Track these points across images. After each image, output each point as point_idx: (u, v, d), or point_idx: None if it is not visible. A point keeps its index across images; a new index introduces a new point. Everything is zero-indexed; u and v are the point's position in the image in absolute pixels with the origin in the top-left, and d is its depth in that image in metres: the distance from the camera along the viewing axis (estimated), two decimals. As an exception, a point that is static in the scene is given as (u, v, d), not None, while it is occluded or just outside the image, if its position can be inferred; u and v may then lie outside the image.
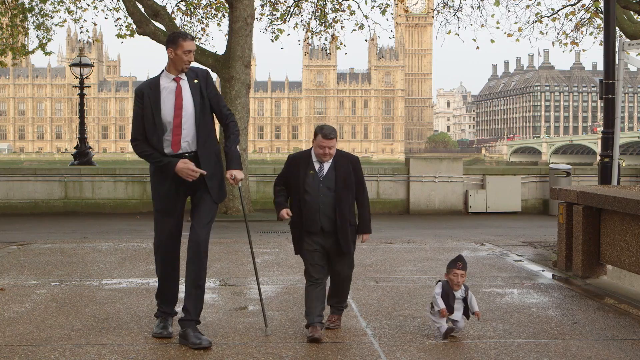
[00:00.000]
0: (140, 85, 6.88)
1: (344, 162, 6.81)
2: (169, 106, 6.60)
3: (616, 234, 9.30)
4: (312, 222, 6.68)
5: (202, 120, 6.67)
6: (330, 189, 6.69)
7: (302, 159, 6.83)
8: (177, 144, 6.64)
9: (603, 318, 7.69)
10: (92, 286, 9.22)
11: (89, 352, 6.28)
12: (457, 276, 6.65)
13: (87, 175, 21.70)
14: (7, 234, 15.37)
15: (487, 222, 19.08)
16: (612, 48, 13.86)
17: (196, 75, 6.77)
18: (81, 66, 28.21)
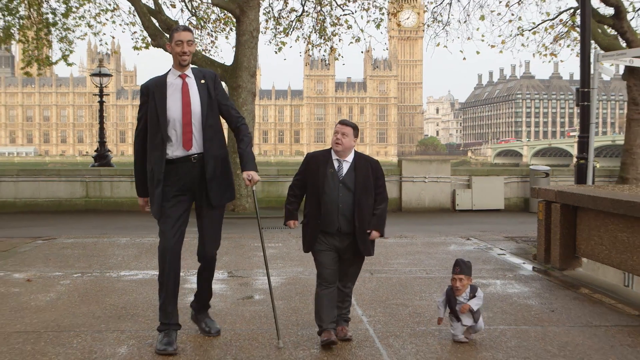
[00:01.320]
0: (147, 82, 6.25)
1: (364, 164, 6.10)
2: (175, 104, 5.98)
3: (591, 230, 9.31)
4: (330, 222, 5.99)
5: (208, 121, 6.03)
6: (350, 189, 5.99)
7: (322, 157, 6.12)
8: (188, 142, 5.96)
9: (578, 306, 7.71)
10: (111, 277, 9.23)
11: (109, 337, 6.30)
12: (456, 281, 6.11)
13: (106, 176, 21.74)
14: (34, 229, 15.38)
15: (473, 219, 19.09)
16: (588, 59, 13.88)
17: (203, 76, 6.17)
18: (101, 76, 28.23)
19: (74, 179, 21.74)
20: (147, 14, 20.46)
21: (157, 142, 5.93)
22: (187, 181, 5.99)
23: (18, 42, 24.06)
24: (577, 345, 6.13)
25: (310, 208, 6.07)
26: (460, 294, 6.11)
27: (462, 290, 6.11)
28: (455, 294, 6.12)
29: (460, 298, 6.10)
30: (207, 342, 6.12)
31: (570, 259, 9.90)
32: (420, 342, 6.22)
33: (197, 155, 5.99)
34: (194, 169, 5.99)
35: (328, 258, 6.05)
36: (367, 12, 25.76)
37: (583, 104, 14.16)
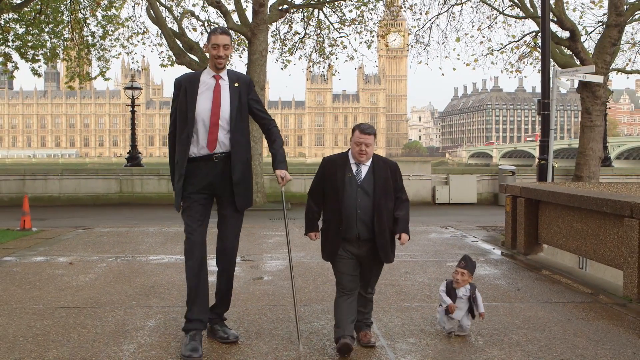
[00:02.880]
0: (181, 76, 5.53)
1: (383, 167, 5.15)
2: (205, 103, 5.23)
3: (550, 220, 9.29)
4: (349, 228, 5.04)
5: (237, 125, 5.28)
6: (368, 194, 5.04)
7: (340, 160, 5.18)
8: (212, 142, 5.22)
9: (540, 286, 7.69)
10: (141, 261, 9.21)
11: (139, 312, 6.28)
12: (457, 274, 5.47)
13: (137, 174, 21.77)
14: (75, 220, 15.37)
15: (450, 211, 19.08)
16: (547, 75, 13.85)
17: (237, 79, 5.41)
18: (132, 89, 28.24)
19: (109, 177, 21.78)
20: (172, 37, 20.50)
21: (183, 137, 5.23)
22: (208, 180, 5.25)
23: (62, 60, 24.10)
24: (539, 318, 6.12)
25: (329, 214, 5.14)
26: (458, 287, 5.48)
27: (461, 285, 5.48)
28: (454, 285, 5.49)
29: (459, 292, 5.48)
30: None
31: (533, 245, 9.88)
32: (405, 316, 6.20)
33: (219, 155, 5.23)
34: (215, 168, 5.25)
35: (348, 266, 5.12)
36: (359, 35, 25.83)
37: (544, 113, 14.13)
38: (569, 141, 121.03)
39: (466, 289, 5.48)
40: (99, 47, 23.43)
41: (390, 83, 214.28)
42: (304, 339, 5.41)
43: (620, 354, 5.10)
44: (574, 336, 5.56)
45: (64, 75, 25.31)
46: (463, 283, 5.48)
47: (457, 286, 5.48)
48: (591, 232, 8.05)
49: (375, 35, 25.50)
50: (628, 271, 7.00)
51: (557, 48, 20.27)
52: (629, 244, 6.95)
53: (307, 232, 5.33)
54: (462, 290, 5.48)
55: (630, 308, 6.61)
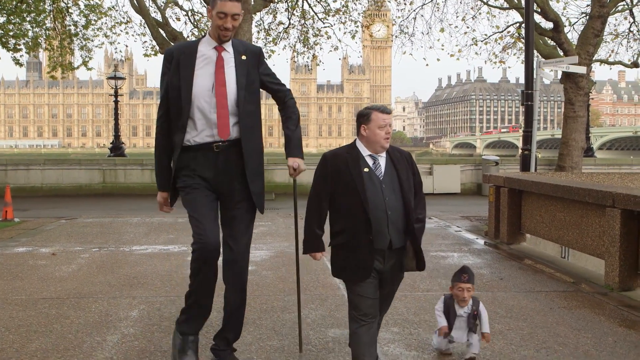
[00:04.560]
0: (173, 46, 4.53)
1: (400, 157, 4.18)
2: (204, 81, 4.23)
3: (533, 210, 9.35)
4: (379, 235, 3.94)
5: (246, 107, 4.28)
6: (395, 190, 4.04)
7: (348, 154, 4.09)
8: (225, 127, 4.22)
9: (523, 275, 7.74)
10: (125, 251, 9.18)
11: (122, 302, 6.26)
12: (463, 291, 4.64)
13: (120, 164, 21.67)
14: (58, 210, 15.28)
15: (434, 201, 19.13)
16: (531, 65, 13.90)
17: (245, 51, 4.36)
18: (116, 79, 28.15)
19: (92, 167, 21.68)
20: (156, 26, 20.40)
21: (178, 122, 4.28)
22: (208, 175, 4.27)
23: (45, 50, 23.92)
24: (521, 307, 6.16)
25: (346, 223, 4.00)
26: (465, 305, 4.69)
27: (467, 302, 4.69)
28: (460, 304, 4.69)
29: (462, 310, 4.69)
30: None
31: (516, 235, 9.94)
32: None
33: (221, 143, 4.25)
34: (216, 160, 4.26)
35: (370, 286, 4.04)
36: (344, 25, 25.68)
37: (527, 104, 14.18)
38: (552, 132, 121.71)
39: (469, 306, 4.70)
40: (82, 37, 23.22)
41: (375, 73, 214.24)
42: (287, 329, 5.42)
43: (601, 342, 5.15)
44: (556, 325, 5.61)
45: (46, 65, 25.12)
46: (469, 299, 4.69)
47: (463, 305, 4.68)
48: (573, 222, 8.10)
49: (359, 26, 25.46)
50: (609, 260, 7.06)
51: (541, 39, 20.33)
52: (611, 233, 7.00)
53: (308, 250, 4.19)
54: (465, 308, 4.69)
55: (612, 297, 6.67)
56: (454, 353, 4.78)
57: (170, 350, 4.79)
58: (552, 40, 20.36)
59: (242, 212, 4.36)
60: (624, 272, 6.89)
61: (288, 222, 12.00)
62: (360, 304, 4.04)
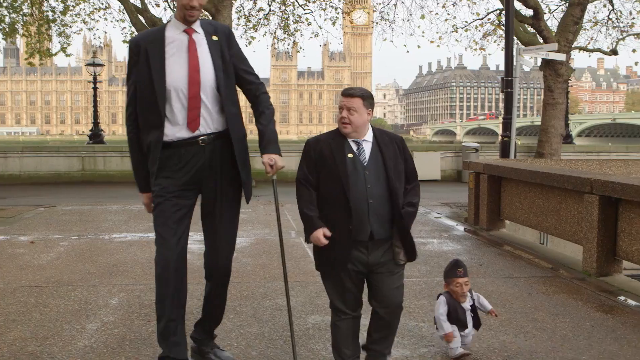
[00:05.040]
0: (137, 35, 4.14)
1: (389, 142, 3.90)
2: (178, 69, 3.83)
3: (512, 197, 9.41)
4: (360, 226, 3.71)
5: (227, 92, 3.93)
6: (379, 178, 3.77)
7: (331, 140, 3.85)
8: (194, 120, 3.85)
9: (502, 261, 7.79)
10: (104, 239, 9.14)
11: (102, 290, 6.24)
12: (461, 286, 4.40)
13: (100, 152, 21.51)
14: (36, 198, 15.16)
15: (414, 188, 19.18)
16: (511, 53, 13.96)
17: (215, 31, 3.98)
18: (95, 66, 27.91)
19: (71, 154, 21.49)
20: (135, 12, 20.23)
21: (153, 119, 3.88)
22: (193, 172, 3.93)
23: (22, 36, 23.61)
24: (501, 293, 6.20)
25: (327, 212, 3.77)
26: (465, 300, 4.48)
27: (466, 297, 4.49)
28: (460, 300, 4.45)
29: (465, 305, 4.47)
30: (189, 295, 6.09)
31: (496, 221, 10.00)
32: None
33: (206, 137, 3.91)
34: (202, 155, 3.91)
35: (351, 281, 3.82)
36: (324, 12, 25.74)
37: (507, 91, 14.27)
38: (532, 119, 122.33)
39: (469, 298, 4.52)
40: (60, 23, 22.97)
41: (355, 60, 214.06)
42: (268, 315, 5.42)
43: (578, 326, 5.21)
44: (534, 310, 5.66)
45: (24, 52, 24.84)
46: (466, 295, 4.48)
47: (464, 300, 4.45)
48: (552, 208, 8.16)
49: (340, 12, 25.39)
50: (588, 246, 7.13)
51: (521, 26, 20.39)
52: (589, 219, 7.06)
53: (309, 234, 3.79)
54: (468, 302, 4.49)
55: (589, 282, 6.74)
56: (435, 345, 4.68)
57: (150, 338, 4.78)
58: (532, 28, 20.41)
59: (226, 206, 4.07)
60: (601, 258, 6.96)
61: (268, 209, 11.99)
62: (340, 299, 3.87)
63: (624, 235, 6.75)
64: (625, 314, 5.64)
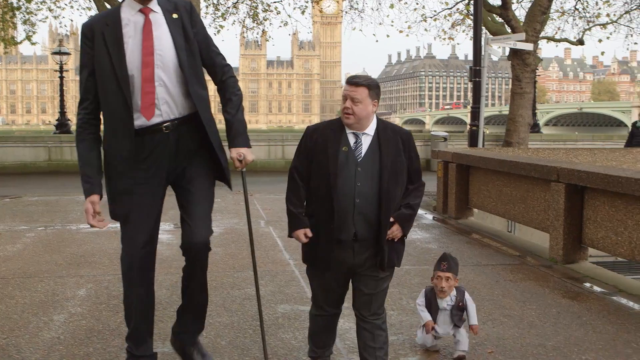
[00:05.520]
0: (90, 20, 3.71)
1: (392, 137, 3.57)
2: (135, 50, 3.51)
3: (480, 185, 9.48)
4: (343, 225, 3.49)
5: (193, 71, 3.62)
6: (372, 176, 3.49)
7: (329, 130, 3.59)
8: (149, 107, 3.54)
9: (470, 249, 7.86)
10: (71, 230, 9.05)
11: (69, 282, 6.18)
12: (441, 280, 4.15)
13: (66, 141, 21.25)
14: (2, 189, 14.95)
15: (384, 177, 19.27)
16: (479, 42, 14.06)
17: (175, 8, 3.64)
18: (61, 54, 27.55)
19: (37, 144, 21.23)
20: (101, 0, 19.97)
21: (119, 109, 3.53)
22: (159, 161, 3.65)
23: (-15, 24, 23.26)
24: (468, 281, 6.25)
25: (315, 207, 3.58)
26: (444, 297, 4.20)
27: (447, 294, 4.21)
28: (439, 295, 4.21)
29: (444, 302, 4.21)
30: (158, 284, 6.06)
31: (464, 210, 10.07)
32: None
33: (170, 122, 3.60)
34: (167, 143, 3.62)
35: (335, 280, 3.65)
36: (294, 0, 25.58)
37: (475, 80, 14.37)
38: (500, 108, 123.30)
39: (451, 297, 4.22)
40: (25, 10, 22.63)
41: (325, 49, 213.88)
42: (237, 305, 5.42)
43: (545, 313, 5.28)
44: (502, 297, 5.72)
45: (-12, 40, 24.44)
46: (450, 290, 4.20)
47: (442, 296, 4.19)
48: (519, 197, 8.25)
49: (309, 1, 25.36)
50: (554, 234, 7.22)
51: (489, 16, 20.53)
52: (555, 207, 7.15)
53: (292, 230, 3.65)
54: (447, 300, 4.22)
55: (556, 269, 6.84)
56: (441, 349, 4.42)
57: (119, 328, 4.76)
58: (500, 17, 20.56)
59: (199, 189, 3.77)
60: (567, 245, 7.05)
61: (237, 199, 11.95)
62: (318, 296, 3.75)
63: (590, 223, 6.85)
64: (590, 300, 5.73)
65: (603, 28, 24.11)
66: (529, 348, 4.48)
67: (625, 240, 6.25)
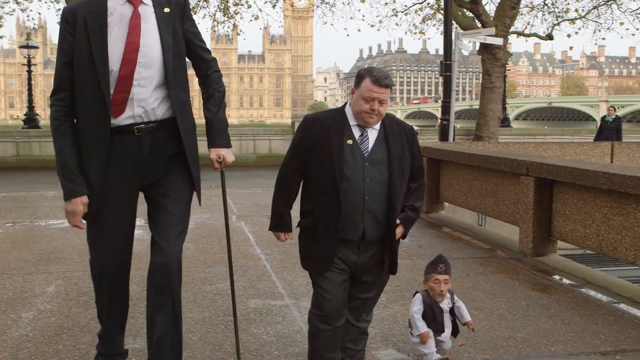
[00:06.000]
0: (73, 4, 3.38)
1: (397, 132, 3.43)
2: (119, 45, 3.27)
3: (451, 179, 9.54)
4: (352, 224, 3.32)
5: (176, 74, 3.40)
6: (381, 172, 3.33)
7: (332, 121, 3.39)
8: (119, 105, 3.31)
9: (441, 243, 7.91)
10: (40, 226, 8.95)
11: (38, 278, 6.11)
12: (440, 283, 3.94)
13: (35, 137, 21.02)
14: (-31, 185, 14.76)
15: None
16: (450, 37, 14.13)
17: (168, 1, 3.42)
18: (28, 48, 27.21)
19: (5, 139, 20.98)
20: (69, -7, 19.76)
21: (96, 105, 3.30)
22: (128, 164, 3.40)
23: (-49, 17, 22.89)
24: (439, 274, 6.29)
25: (316, 203, 3.39)
26: (443, 300, 4.02)
27: (445, 296, 4.03)
28: (437, 299, 3.99)
29: (443, 305, 4.02)
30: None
31: (435, 204, 10.12)
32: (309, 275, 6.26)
33: (143, 125, 3.36)
34: (137, 147, 3.39)
35: (337, 284, 3.42)
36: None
37: (446, 74, 14.44)
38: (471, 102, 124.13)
39: (448, 299, 4.07)
40: (-9, 4, 22.35)
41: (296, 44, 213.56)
42: (209, 300, 5.40)
43: (515, 305, 5.33)
44: (472, 290, 5.76)
45: (-47, 33, 24.03)
46: (445, 294, 4.03)
47: (441, 299, 4.00)
48: (490, 190, 8.31)
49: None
50: (524, 227, 7.29)
51: (460, 10, 20.64)
52: (525, 201, 7.21)
53: (273, 228, 3.61)
54: (446, 302, 4.04)
55: (525, 262, 6.90)
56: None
57: (89, 325, 4.72)
58: (470, 12, 20.69)
59: (172, 202, 3.51)
60: (537, 238, 7.12)
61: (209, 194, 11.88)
62: (323, 303, 3.43)
63: (559, 216, 6.92)
64: (559, 292, 5.80)
65: (572, 23, 24.37)
66: (499, 340, 4.52)
67: (593, 233, 6.33)
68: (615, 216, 6.00)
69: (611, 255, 6.11)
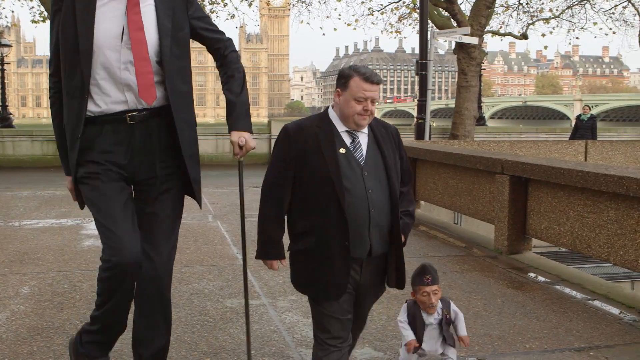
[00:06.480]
0: None
1: (386, 134, 3.22)
2: (111, 23, 3.03)
3: (427, 177, 9.57)
4: (359, 242, 3.04)
5: (174, 63, 3.16)
6: (380, 179, 3.09)
7: (319, 129, 3.08)
8: (149, 89, 3.09)
9: (417, 241, 7.94)
10: (14, 226, 8.86)
11: (12, 279, 6.05)
12: (429, 295, 3.48)
13: (8, 136, 20.78)
14: (-59, 185, 14.57)
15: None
16: (425, 36, 14.19)
17: None
18: (2, 46, 26.91)
19: (-22, 139, 20.71)
20: (43, -9, 19.56)
21: (75, 84, 3.07)
22: (119, 157, 3.14)
23: None
24: (416, 273, 6.31)
25: (313, 223, 3.07)
26: (433, 312, 3.56)
27: (435, 308, 3.57)
28: (428, 311, 3.55)
29: (430, 317, 3.56)
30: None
31: (411, 202, 10.14)
32: (286, 274, 6.17)
33: (136, 113, 3.11)
34: (130, 137, 3.13)
35: (344, 305, 3.14)
36: (240, -8, 25.41)
37: (422, 73, 14.50)
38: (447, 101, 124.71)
39: (438, 311, 3.60)
40: (-37, 1, 22.09)
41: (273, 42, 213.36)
42: (185, 300, 5.38)
43: (490, 303, 5.37)
44: (448, 288, 5.79)
45: None
46: (437, 303, 3.58)
47: (432, 311, 3.56)
48: (465, 189, 8.36)
49: (256, -6, 25.25)
50: (499, 225, 7.33)
51: (435, 10, 20.72)
52: (500, 199, 7.26)
53: (262, 256, 3.28)
54: (435, 316, 3.60)
55: (501, 260, 6.95)
56: None
57: (63, 326, 4.68)
58: (446, 11, 20.77)
59: (165, 208, 3.29)
60: (512, 236, 7.17)
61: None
62: (331, 326, 3.13)
63: (534, 214, 6.98)
64: (534, 290, 5.84)
65: (546, 23, 24.59)
66: (475, 338, 4.55)
67: (567, 230, 6.39)
68: (589, 214, 6.06)
69: (585, 252, 6.17)
